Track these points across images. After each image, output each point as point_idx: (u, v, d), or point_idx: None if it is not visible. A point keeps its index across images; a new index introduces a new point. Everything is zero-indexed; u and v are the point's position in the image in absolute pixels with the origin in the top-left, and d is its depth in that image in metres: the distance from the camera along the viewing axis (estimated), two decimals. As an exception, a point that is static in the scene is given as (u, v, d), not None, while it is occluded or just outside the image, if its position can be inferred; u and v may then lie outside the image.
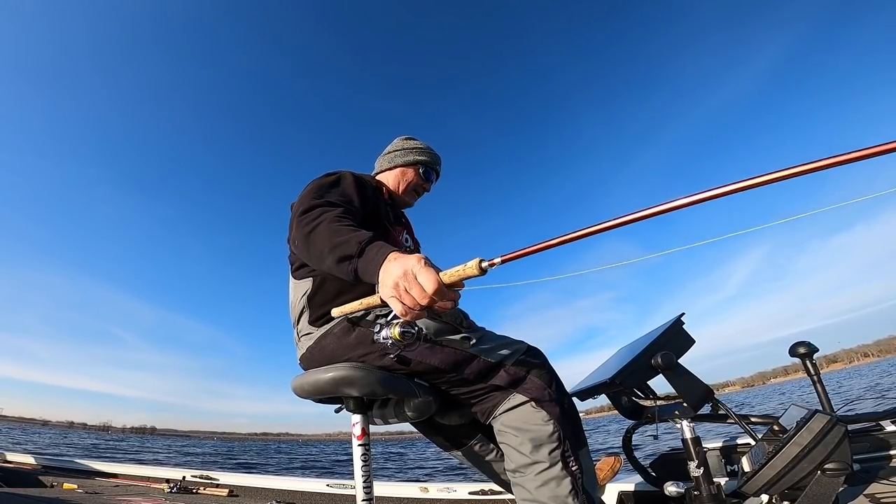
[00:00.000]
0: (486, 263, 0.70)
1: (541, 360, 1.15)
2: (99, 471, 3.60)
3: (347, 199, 1.14)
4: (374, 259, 0.80)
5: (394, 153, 1.49)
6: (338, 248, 0.86)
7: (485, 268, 0.70)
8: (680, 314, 1.44)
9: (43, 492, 2.88)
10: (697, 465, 1.32)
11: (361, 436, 1.02)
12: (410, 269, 0.73)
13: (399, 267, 0.74)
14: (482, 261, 0.71)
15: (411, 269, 0.73)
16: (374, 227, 1.25)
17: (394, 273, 0.74)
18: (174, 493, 2.98)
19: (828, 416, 1.06)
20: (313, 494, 2.87)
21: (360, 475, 1.00)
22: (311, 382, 1.05)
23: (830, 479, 1.03)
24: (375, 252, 0.81)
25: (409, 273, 0.73)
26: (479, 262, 0.70)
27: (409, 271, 0.73)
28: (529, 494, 1.01)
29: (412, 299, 0.73)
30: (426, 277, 0.72)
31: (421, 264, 0.73)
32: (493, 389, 1.08)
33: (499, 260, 0.70)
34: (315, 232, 0.93)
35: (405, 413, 1.15)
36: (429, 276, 0.72)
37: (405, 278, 0.73)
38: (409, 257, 0.76)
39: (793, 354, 1.47)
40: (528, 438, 1.02)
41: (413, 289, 0.73)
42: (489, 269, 0.71)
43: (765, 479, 1.10)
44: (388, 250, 0.80)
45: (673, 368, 1.30)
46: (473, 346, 1.09)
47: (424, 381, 1.13)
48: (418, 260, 0.74)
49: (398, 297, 0.74)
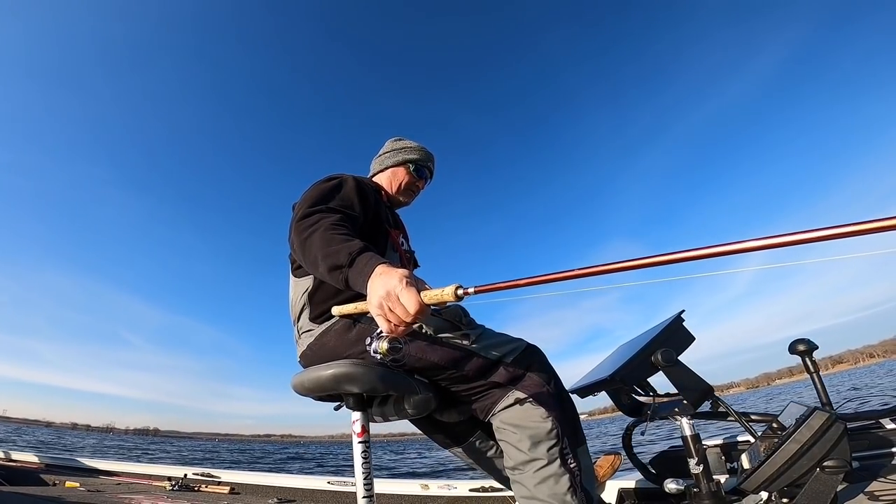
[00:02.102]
0: (461, 291, 0.74)
1: (540, 358, 1.15)
2: (100, 469, 3.62)
3: (348, 204, 1.15)
4: (362, 271, 0.83)
5: (384, 155, 1.51)
6: (330, 256, 0.89)
7: (460, 295, 0.74)
8: (680, 311, 1.44)
9: (45, 490, 2.90)
10: (697, 462, 1.32)
11: (362, 433, 1.02)
12: (393, 290, 0.75)
13: (382, 286, 0.77)
14: (458, 287, 0.74)
15: (394, 290, 0.75)
16: (376, 231, 1.27)
17: (378, 292, 0.77)
18: (176, 491, 2.99)
19: (827, 414, 1.06)
20: (314, 492, 2.87)
21: (361, 472, 1.00)
22: (312, 379, 1.05)
23: (829, 477, 1.03)
24: (364, 263, 0.84)
25: (392, 293, 0.75)
26: (455, 289, 0.74)
27: (392, 291, 0.75)
28: (528, 491, 1.01)
29: (396, 318, 0.76)
30: (408, 298, 0.74)
31: (403, 284, 0.75)
32: (493, 387, 1.09)
33: (472, 290, 0.73)
34: (310, 239, 0.95)
35: (405, 410, 1.15)
36: (410, 297, 0.74)
37: (388, 298, 0.76)
38: (394, 275, 0.77)
39: (792, 352, 1.47)
40: (526, 435, 1.03)
41: (396, 308, 0.75)
42: (464, 297, 0.74)
43: (764, 476, 1.10)
44: (375, 263, 0.83)
45: (673, 365, 1.30)
46: (473, 344, 1.09)
47: (424, 377, 1.13)
48: (401, 279, 0.76)
49: (383, 315, 0.77)
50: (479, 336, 1.12)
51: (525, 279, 0.70)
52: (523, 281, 0.69)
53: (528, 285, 0.69)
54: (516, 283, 0.70)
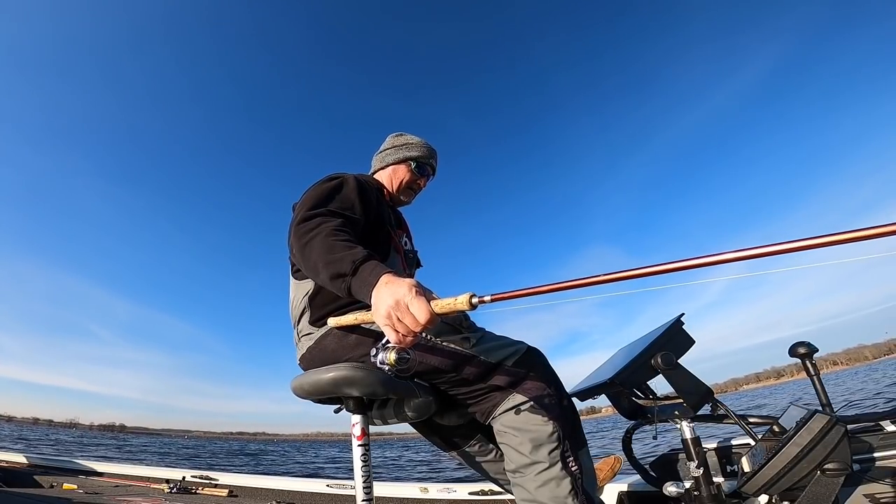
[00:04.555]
0: (476, 299, 0.71)
1: (541, 361, 1.15)
2: (99, 471, 3.60)
3: (349, 206, 1.12)
4: (367, 280, 0.81)
5: (385, 151, 1.47)
6: (332, 264, 0.86)
7: (475, 303, 0.71)
8: (680, 314, 1.44)
9: (43, 492, 2.88)
10: (697, 465, 1.32)
11: (361, 436, 1.02)
12: (402, 299, 0.73)
13: (391, 295, 0.74)
14: (473, 296, 0.71)
15: (403, 299, 0.73)
16: (378, 232, 1.25)
17: (386, 301, 0.75)
18: (174, 494, 2.98)
19: (827, 417, 1.06)
20: (313, 495, 2.87)
21: (360, 475, 1.00)
22: (312, 382, 1.05)
23: (830, 479, 1.03)
24: (369, 272, 0.82)
25: (402, 303, 0.73)
26: (469, 298, 0.71)
27: (402, 301, 0.73)
28: (529, 495, 1.01)
29: (405, 328, 0.74)
30: (418, 308, 0.72)
31: (412, 293, 0.73)
32: (493, 390, 1.08)
33: (489, 298, 0.71)
34: (311, 244, 0.92)
35: (405, 413, 1.15)
36: (420, 307, 0.72)
37: (397, 308, 0.74)
38: (402, 284, 0.75)
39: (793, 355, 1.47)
40: (527, 438, 1.02)
41: (406, 318, 0.73)
42: (479, 305, 0.72)
43: (765, 479, 1.10)
44: (380, 272, 0.80)
45: (673, 368, 1.30)
46: (473, 347, 1.09)
47: (424, 381, 1.13)
48: (409, 288, 0.74)
49: (391, 325, 0.75)
50: (480, 339, 1.11)
51: (544, 286, 0.67)
52: (543, 288, 0.67)
53: (547, 292, 0.67)
54: (536, 291, 0.68)
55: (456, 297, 0.73)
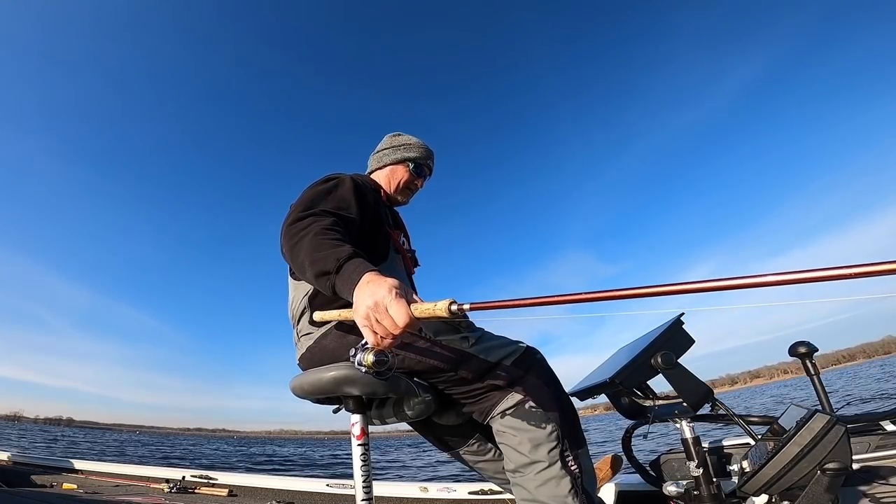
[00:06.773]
0: (455, 307, 0.69)
1: (539, 360, 1.15)
2: (98, 471, 3.60)
3: (344, 206, 1.11)
4: (349, 278, 0.79)
5: (383, 152, 1.46)
6: (317, 262, 0.85)
7: (454, 311, 0.69)
8: (679, 314, 1.44)
9: (43, 492, 2.88)
10: (697, 464, 1.32)
11: (361, 435, 1.02)
12: (381, 300, 0.71)
13: (370, 296, 0.72)
14: (453, 303, 0.70)
15: (382, 301, 0.71)
16: (376, 232, 1.24)
17: (365, 302, 0.73)
18: (174, 493, 2.98)
19: (827, 416, 1.06)
20: (313, 494, 2.87)
21: (360, 475, 0.99)
22: (312, 382, 1.05)
23: (830, 479, 1.03)
24: (352, 270, 0.80)
25: (381, 304, 0.71)
26: (449, 305, 0.69)
27: (381, 302, 0.71)
28: (529, 494, 1.01)
29: (384, 329, 0.72)
30: (397, 310, 0.70)
31: (392, 295, 0.71)
32: (492, 389, 1.08)
33: (468, 306, 0.69)
34: (300, 244, 0.91)
35: (404, 412, 1.14)
36: (400, 310, 0.70)
37: (376, 309, 0.72)
38: (382, 284, 0.73)
39: (793, 354, 1.47)
40: (526, 438, 1.02)
41: (384, 320, 0.71)
42: (459, 313, 0.70)
43: (765, 478, 1.10)
44: (363, 270, 0.79)
45: (673, 368, 1.30)
46: (472, 346, 1.09)
47: (423, 380, 1.12)
48: (390, 290, 0.72)
49: (369, 326, 0.73)
50: (479, 338, 1.11)
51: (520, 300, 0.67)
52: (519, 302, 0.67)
53: (522, 306, 0.67)
54: (513, 304, 0.67)
55: (436, 303, 0.71)
